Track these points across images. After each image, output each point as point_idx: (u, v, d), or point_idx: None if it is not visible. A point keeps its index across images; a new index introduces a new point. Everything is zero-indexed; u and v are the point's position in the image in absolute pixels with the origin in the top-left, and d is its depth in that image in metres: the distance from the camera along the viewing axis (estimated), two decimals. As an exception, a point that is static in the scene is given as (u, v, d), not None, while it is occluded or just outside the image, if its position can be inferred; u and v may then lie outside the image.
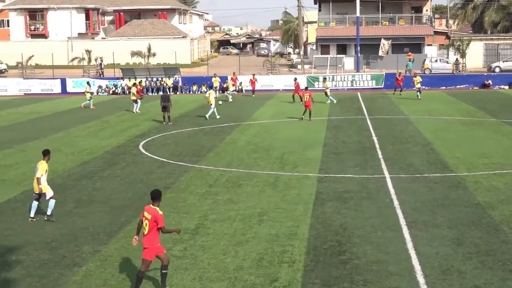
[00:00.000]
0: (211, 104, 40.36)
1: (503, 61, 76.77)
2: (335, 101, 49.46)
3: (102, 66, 77.38)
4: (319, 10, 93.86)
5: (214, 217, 18.41)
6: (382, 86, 62.97)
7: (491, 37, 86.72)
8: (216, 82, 58.74)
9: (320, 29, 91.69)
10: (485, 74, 67.14)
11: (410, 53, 78.90)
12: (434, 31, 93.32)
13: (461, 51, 73.79)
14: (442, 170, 24.47)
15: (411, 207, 19.11)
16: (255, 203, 19.93)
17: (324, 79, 55.59)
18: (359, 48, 73.88)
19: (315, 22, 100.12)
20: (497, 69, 74.69)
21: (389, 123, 38.51)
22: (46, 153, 18.72)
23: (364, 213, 18.61)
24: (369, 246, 15.58)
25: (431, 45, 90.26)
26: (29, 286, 13.48)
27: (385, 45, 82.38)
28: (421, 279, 13.48)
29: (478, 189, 21.26)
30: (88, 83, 53.52)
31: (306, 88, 42.26)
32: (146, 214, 13.02)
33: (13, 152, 30.14)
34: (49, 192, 18.36)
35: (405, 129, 35.46)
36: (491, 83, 63.62)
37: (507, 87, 63.07)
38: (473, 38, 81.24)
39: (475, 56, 79.47)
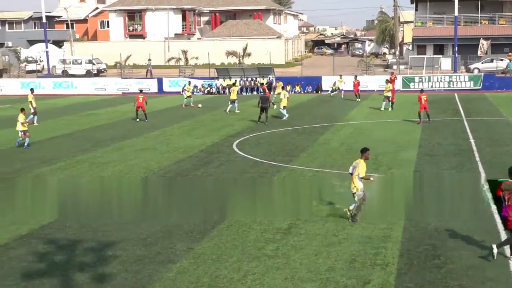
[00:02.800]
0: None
1: (481, 63, 74.76)
2: (389, 109, 45.90)
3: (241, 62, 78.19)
4: (416, 10, 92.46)
5: (306, 217, 18.40)
6: (480, 87, 61.42)
7: None
8: (340, 83, 58.61)
9: (416, 29, 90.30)
10: None
11: (510, 54, 76.69)
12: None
13: None
14: (543, 174, 23.62)
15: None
16: (348, 204, 19.78)
17: (387, 81, 51.61)
18: (456, 48, 72.33)
19: (411, 22, 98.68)
20: (475, 71, 72.79)
21: (488, 125, 37.52)
22: (364, 151, 17.92)
23: (460, 217, 18.20)
24: (465, 251, 15.24)
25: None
26: (125, 281, 13.82)
27: (484, 45, 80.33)
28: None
29: None
30: (189, 83, 54.28)
31: (422, 91, 40.55)
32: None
33: (111, 150, 30.96)
34: (360, 193, 17.80)
35: (505, 131, 34.47)
36: None
37: None
38: None
39: None
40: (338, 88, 59.57)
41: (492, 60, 75.26)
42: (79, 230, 17.57)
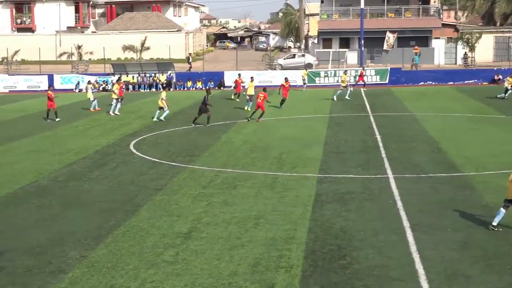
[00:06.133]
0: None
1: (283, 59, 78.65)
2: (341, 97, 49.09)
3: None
4: (322, 2, 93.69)
5: (208, 220, 18.40)
6: (387, 82, 62.94)
7: (502, 30, 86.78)
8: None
9: (322, 22, 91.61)
10: (495, 69, 67.12)
11: (417, 47, 78.95)
12: (442, 24, 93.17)
13: (470, 44, 73.89)
14: (449, 170, 24.47)
15: (416, 209, 19.11)
16: (251, 205, 19.93)
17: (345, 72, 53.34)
18: (363, 41, 73.85)
19: (317, 14, 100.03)
20: (278, 67, 75.77)
21: (394, 120, 38.54)
22: None
23: (366, 216, 18.60)
24: (371, 250, 15.58)
25: (439, 38, 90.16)
26: (12, 293, 13.49)
27: (390, 38, 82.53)
28: (425, 284, 13.48)
29: (486, 189, 21.28)
30: (89, 82, 51.91)
31: (265, 89, 40.52)
32: None
33: (-3, 153, 30.14)
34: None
35: (410, 127, 35.49)
36: (501, 78, 63.62)
37: (518, 82, 63.01)
38: (483, 31, 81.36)
39: (484, 50, 79.54)
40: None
41: (294, 56, 79.97)
42: (-39, 241, 17.02)
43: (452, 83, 63.83)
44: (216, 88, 63.11)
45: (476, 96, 51.30)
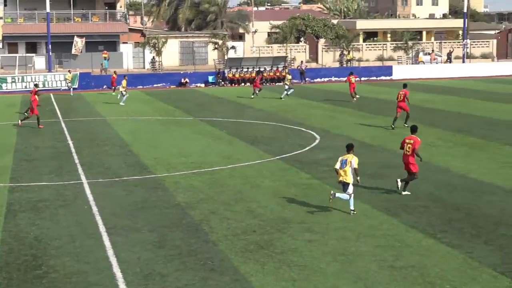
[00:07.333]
0: None
1: None
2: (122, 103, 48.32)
3: None
4: (5, 5, 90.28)
5: None
6: (77, 86, 62.34)
7: (187, 35, 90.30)
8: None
9: (6, 26, 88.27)
10: (181, 72, 69.59)
11: (105, 51, 79.33)
12: (129, 28, 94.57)
13: (157, 49, 75.88)
14: (141, 172, 24.92)
15: (111, 212, 19.22)
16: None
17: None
18: (50, 46, 72.47)
19: (0, 18, 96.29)
20: None
21: (85, 125, 38.39)
22: (352, 147, 18.94)
23: (61, 223, 18.34)
24: (68, 257, 15.39)
25: (127, 43, 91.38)
26: None
27: (78, 43, 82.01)
28: (122, 286, 13.62)
29: (177, 189, 22.01)
30: None
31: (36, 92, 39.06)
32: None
33: None
34: (350, 187, 18.51)
35: (102, 131, 35.60)
36: (188, 82, 66.16)
37: (203, 85, 66.06)
38: (169, 36, 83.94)
39: (171, 54, 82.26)
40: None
41: None
42: None
43: (141, 86, 64.95)
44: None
45: (164, 99, 52.85)
